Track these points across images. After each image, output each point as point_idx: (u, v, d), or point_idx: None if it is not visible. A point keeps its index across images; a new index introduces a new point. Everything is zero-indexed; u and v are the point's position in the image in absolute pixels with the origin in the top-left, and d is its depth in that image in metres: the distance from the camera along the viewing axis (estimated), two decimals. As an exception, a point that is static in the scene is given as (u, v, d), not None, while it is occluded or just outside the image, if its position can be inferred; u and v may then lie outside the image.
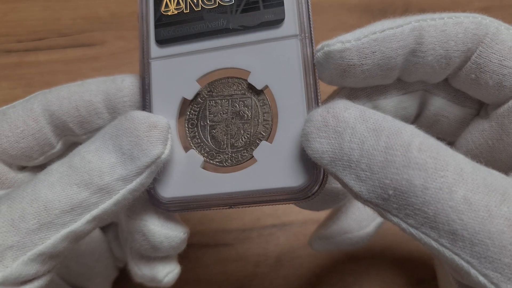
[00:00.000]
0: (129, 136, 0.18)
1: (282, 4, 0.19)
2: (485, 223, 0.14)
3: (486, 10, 0.42)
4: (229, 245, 0.33)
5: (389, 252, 0.33)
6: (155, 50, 0.21)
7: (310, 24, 0.19)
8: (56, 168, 0.18)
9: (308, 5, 0.19)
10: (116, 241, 0.27)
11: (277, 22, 0.19)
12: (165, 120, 0.19)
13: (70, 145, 0.23)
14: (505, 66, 0.18)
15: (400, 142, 0.15)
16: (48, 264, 0.17)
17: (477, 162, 0.16)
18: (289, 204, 0.19)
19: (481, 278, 0.14)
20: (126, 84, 0.21)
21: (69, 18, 0.40)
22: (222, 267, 0.32)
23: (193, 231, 0.33)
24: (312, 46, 0.19)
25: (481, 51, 0.18)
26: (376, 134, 0.16)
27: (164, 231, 0.20)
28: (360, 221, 0.26)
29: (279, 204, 0.19)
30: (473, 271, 0.14)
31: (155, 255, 0.21)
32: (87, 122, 0.21)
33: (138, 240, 0.21)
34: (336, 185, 0.21)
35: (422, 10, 0.42)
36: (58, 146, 0.22)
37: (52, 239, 0.17)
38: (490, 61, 0.18)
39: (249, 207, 0.19)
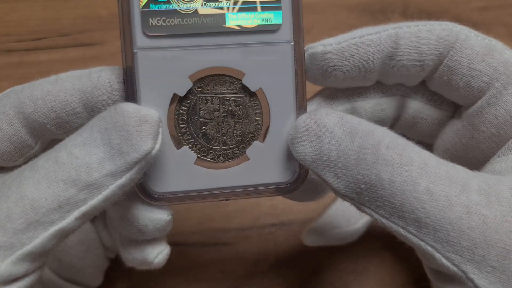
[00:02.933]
0: (119, 130, 0.17)
1: (279, 9, 0.20)
2: (445, 211, 0.16)
3: (485, 9, 0.42)
4: (228, 244, 0.33)
5: (388, 251, 0.33)
6: (141, 39, 0.19)
7: (302, 31, 0.20)
8: (42, 163, 0.17)
9: (301, 13, 0.20)
10: (105, 230, 0.27)
11: (274, 26, 0.20)
12: (156, 113, 0.18)
13: (50, 142, 0.22)
14: (473, 69, 0.19)
15: (371, 142, 0.17)
16: (38, 261, 0.17)
17: (452, 160, 0.18)
18: (275, 196, 0.21)
19: (444, 261, 0.16)
20: (102, 81, 0.19)
21: (69, 17, 0.40)
22: (221, 266, 0.32)
23: (193, 230, 0.33)
24: (302, 51, 0.20)
25: (452, 55, 0.20)
26: (351, 136, 0.18)
27: (148, 214, 0.20)
28: (349, 218, 0.28)
29: (267, 197, 0.21)
30: (437, 255, 0.16)
31: (142, 238, 0.21)
32: (66, 122, 0.20)
33: (123, 225, 0.20)
34: (314, 176, 0.22)
35: (421, 10, 0.42)
36: (37, 146, 0.21)
37: (40, 238, 0.16)
38: (460, 64, 0.19)
39: (240, 199, 0.21)
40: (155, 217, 0.20)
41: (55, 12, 0.40)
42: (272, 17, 0.20)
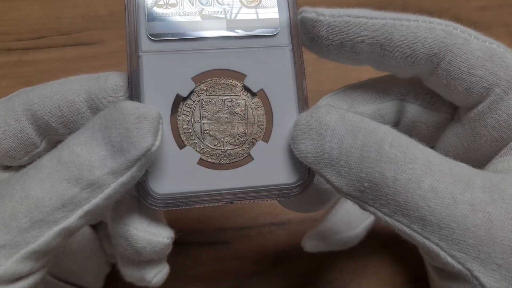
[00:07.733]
0: (118, 128, 0.17)
1: (276, 16, 0.21)
2: (450, 209, 0.16)
3: (484, 9, 0.42)
4: (227, 243, 0.33)
5: (387, 250, 0.33)
6: (146, 43, 0.20)
7: (299, 35, 0.21)
8: (45, 163, 0.17)
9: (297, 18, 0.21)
10: (108, 239, 0.27)
11: (272, 32, 0.21)
12: (156, 110, 0.18)
13: (56, 143, 0.22)
14: (473, 75, 0.19)
15: (374, 140, 0.17)
16: (42, 260, 0.17)
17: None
18: (282, 199, 0.20)
19: (449, 259, 0.16)
20: (109, 83, 0.20)
21: (68, 16, 0.40)
22: (221, 265, 0.32)
23: (192, 229, 0.33)
24: (301, 55, 0.21)
25: (451, 60, 0.19)
26: (353, 134, 0.17)
27: (147, 237, 0.20)
28: (349, 223, 0.28)
29: (273, 200, 0.20)
30: (442, 253, 0.16)
31: (138, 259, 0.21)
32: (71, 122, 0.20)
33: (121, 245, 0.20)
34: (319, 186, 0.22)
35: (421, 9, 0.42)
36: (42, 145, 0.21)
37: (44, 237, 0.16)
38: (460, 69, 0.19)
39: (245, 202, 0.20)
40: (154, 240, 0.20)
41: (54, 11, 0.40)
42: (269, 23, 0.21)
